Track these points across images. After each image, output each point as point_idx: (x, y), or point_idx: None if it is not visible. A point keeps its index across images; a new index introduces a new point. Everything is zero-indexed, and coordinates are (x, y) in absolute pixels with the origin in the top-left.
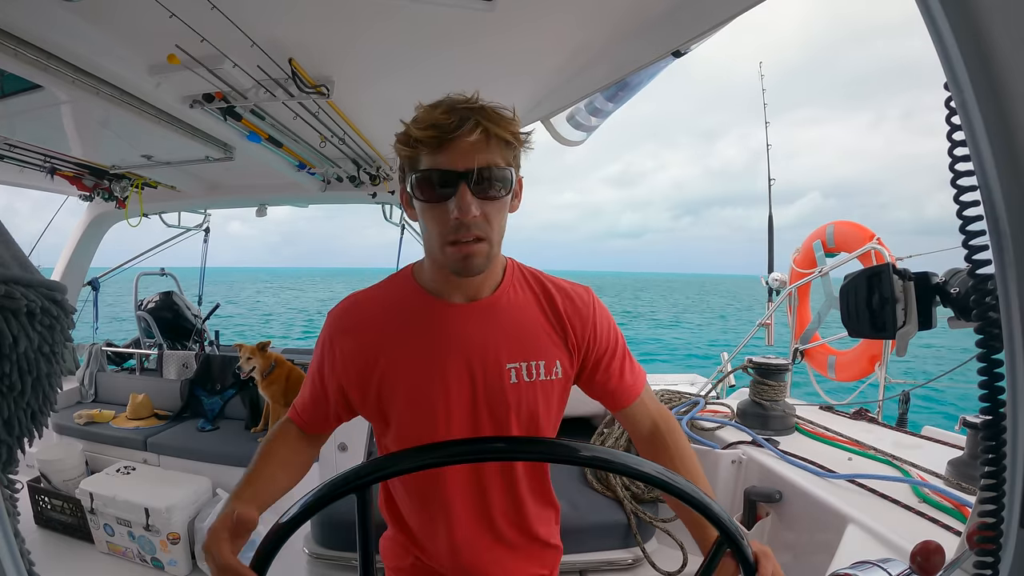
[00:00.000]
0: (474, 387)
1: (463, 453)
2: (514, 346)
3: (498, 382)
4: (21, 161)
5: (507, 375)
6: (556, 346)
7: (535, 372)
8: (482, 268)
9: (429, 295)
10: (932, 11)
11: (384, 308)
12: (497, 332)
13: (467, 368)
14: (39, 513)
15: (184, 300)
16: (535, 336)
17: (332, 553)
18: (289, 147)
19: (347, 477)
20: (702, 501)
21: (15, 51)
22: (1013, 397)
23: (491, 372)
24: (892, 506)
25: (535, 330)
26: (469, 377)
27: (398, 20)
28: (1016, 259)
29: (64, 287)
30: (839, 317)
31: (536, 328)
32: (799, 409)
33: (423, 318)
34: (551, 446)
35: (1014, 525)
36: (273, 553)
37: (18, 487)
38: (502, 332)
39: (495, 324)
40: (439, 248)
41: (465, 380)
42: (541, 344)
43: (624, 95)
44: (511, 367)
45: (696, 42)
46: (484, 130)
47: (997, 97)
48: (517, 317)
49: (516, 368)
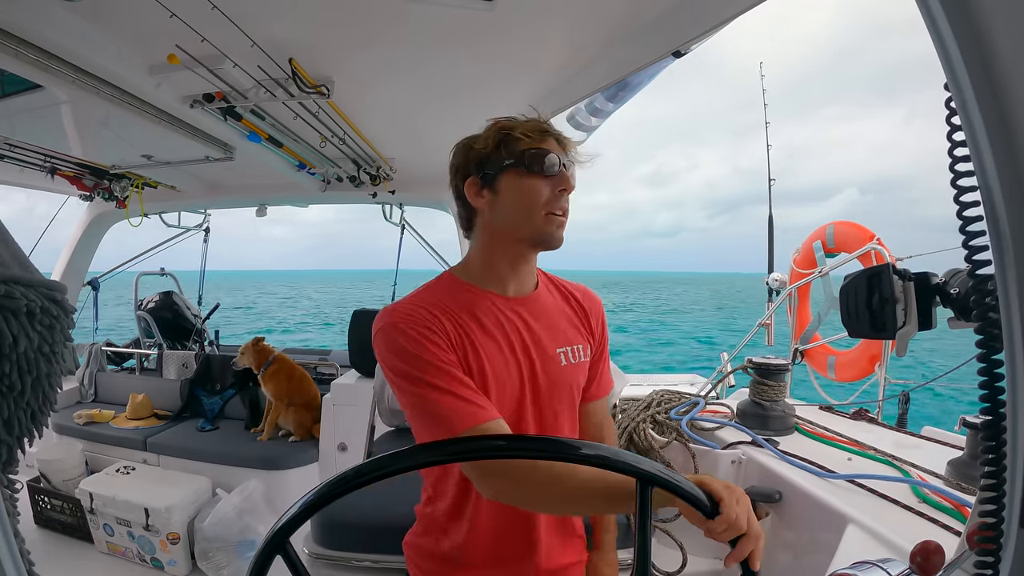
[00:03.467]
0: (533, 369)
1: (464, 452)
2: (558, 333)
3: (555, 365)
4: (21, 161)
5: (558, 358)
6: (582, 334)
7: (574, 355)
8: (561, 243)
9: (482, 289)
10: (932, 11)
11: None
12: (545, 321)
13: (527, 352)
14: (39, 513)
15: (184, 300)
16: (569, 325)
17: (332, 553)
18: (289, 147)
19: (347, 477)
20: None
21: (15, 51)
22: (1013, 397)
23: (547, 355)
24: (892, 506)
25: (568, 320)
26: (529, 360)
27: (398, 20)
28: (1016, 259)
29: (64, 287)
30: (839, 317)
31: (568, 318)
32: (799, 409)
33: (482, 308)
34: (555, 444)
35: (1014, 525)
36: (274, 553)
37: (18, 487)
38: (548, 321)
39: (542, 314)
40: (538, 215)
41: (526, 363)
42: (573, 331)
43: (624, 95)
44: (560, 351)
45: (696, 42)
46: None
47: (997, 97)
48: (554, 309)
49: (564, 352)
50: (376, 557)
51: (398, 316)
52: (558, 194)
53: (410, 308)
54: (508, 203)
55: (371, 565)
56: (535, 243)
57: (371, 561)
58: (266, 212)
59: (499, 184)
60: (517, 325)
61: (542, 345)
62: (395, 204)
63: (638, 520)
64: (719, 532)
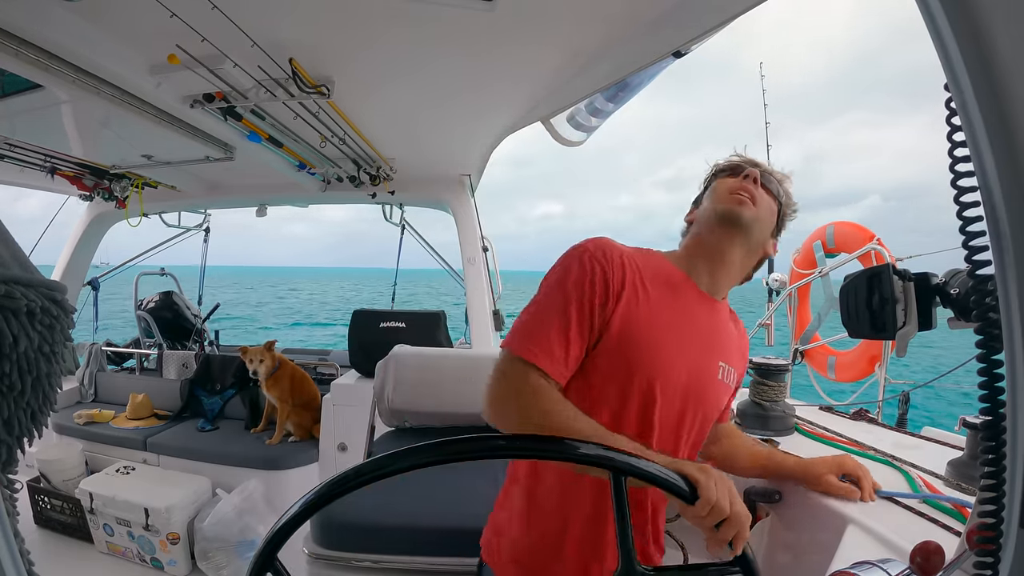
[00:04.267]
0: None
1: (464, 452)
2: (726, 349)
3: (713, 371)
4: (21, 161)
5: (718, 370)
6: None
7: (727, 376)
8: (746, 222)
9: (683, 272)
10: (932, 11)
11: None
12: (719, 330)
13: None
14: (39, 513)
15: (184, 300)
16: (735, 348)
17: (332, 553)
18: (289, 147)
19: (347, 476)
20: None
21: (15, 51)
22: (1013, 397)
23: (709, 358)
24: (892, 506)
25: (734, 343)
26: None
27: (399, 20)
28: (1016, 259)
29: (64, 287)
30: (839, 318)
31: (734, 343)
32: (799, 410)
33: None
34: (559, 444)
35: (1014, 525)
36: (274, 553)
37: (18, 487)
38: (722, 331)
39: (719, 322)
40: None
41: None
42: (735, 355)
43: (624, 95)
44: (722, 365)
45: (696, 42)
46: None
47: (997, 97)
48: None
49: (724, 367)
50: (376, 557)
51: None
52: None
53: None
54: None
55: (371, 565)
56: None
57: (371, 561)
58: (266, 212)
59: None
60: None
61: (711, 345)
62: (395, 204)
63: (616, 512)
64: (703, 517)
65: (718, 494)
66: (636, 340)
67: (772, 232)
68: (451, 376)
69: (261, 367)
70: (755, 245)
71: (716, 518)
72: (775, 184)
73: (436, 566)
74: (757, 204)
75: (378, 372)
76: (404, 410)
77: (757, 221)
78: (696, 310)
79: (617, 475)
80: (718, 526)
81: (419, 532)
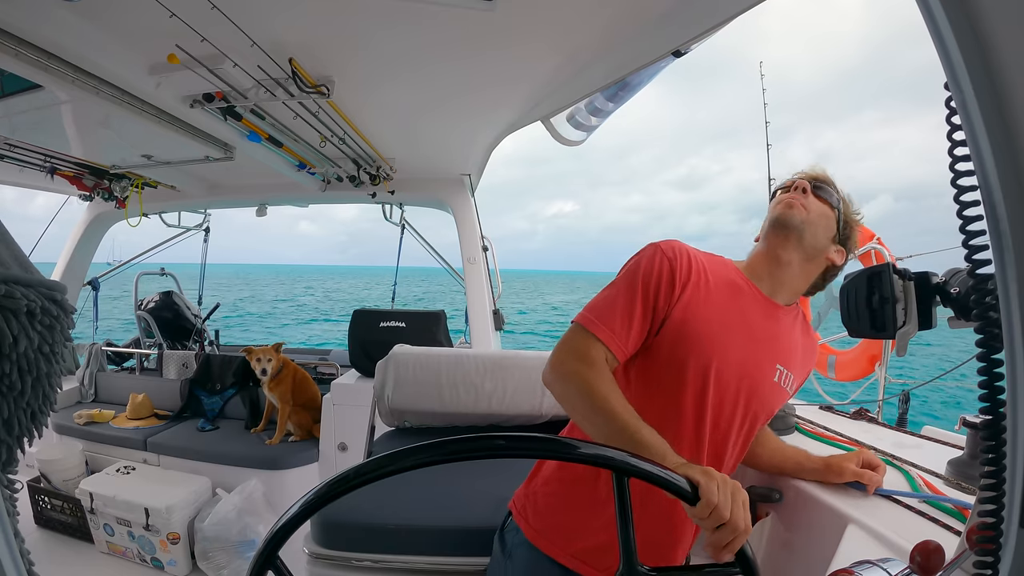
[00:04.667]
0: (744, 361)
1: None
2: (787, 353)
3: (768, 372)
4: (21, 161)
5: (774, 372)
6: (799, 371)
7: (784, 380)
8: (795, 225)
9: (747, 278)
10: (932, 11)
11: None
12: (781, 334)
13: (748, 343)
14: (39, 513)
15: (184, 300)
16: (798, 355)
17: (332, 553)
18: (289, 147)
19: (347, 476)
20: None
21: (15, 51)
22: (1013, 397)
23: (765, 359)
24: (892, 506)
25: (799, 351)
26: (744, 351)
27: (398, 20)
28: (1016, 259)
29: (64, 287)
30: (839, 317)
31: (800, 350)
32: (799, 409)
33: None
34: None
35: (1014, 525)
36: (275, 553)
37: (18, 487)
38: (788, 339)
39: (782, 328)
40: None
41: (741, 351)
42: (797, 362)
43: (624, 95)
44: (779, 368)
45: (696, 42)
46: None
47: (997, 97)
48: (794, 334)
49: (781, 371)
50: (376, 557)
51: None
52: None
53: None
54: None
55: (371, 565)
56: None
57: (371, 561)
58: (266, 212)
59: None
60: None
61: (770, 350)
62: (395, 204)
63: (618, 511)
64: (704, 518)
65: (719, 497)
66: (695, 330)
67: (833, 239)
68: (451, 376)
69: (269, 367)
70: (811, 250)
71: (716, 521)
72: (828, 191)
73: (436, 566)
74: (808, 209)
75: (378, 372)
76: (404, 410)
77: (808, 224)
78: (755, 312)
79: (620, 476)
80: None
81: (419, 532)
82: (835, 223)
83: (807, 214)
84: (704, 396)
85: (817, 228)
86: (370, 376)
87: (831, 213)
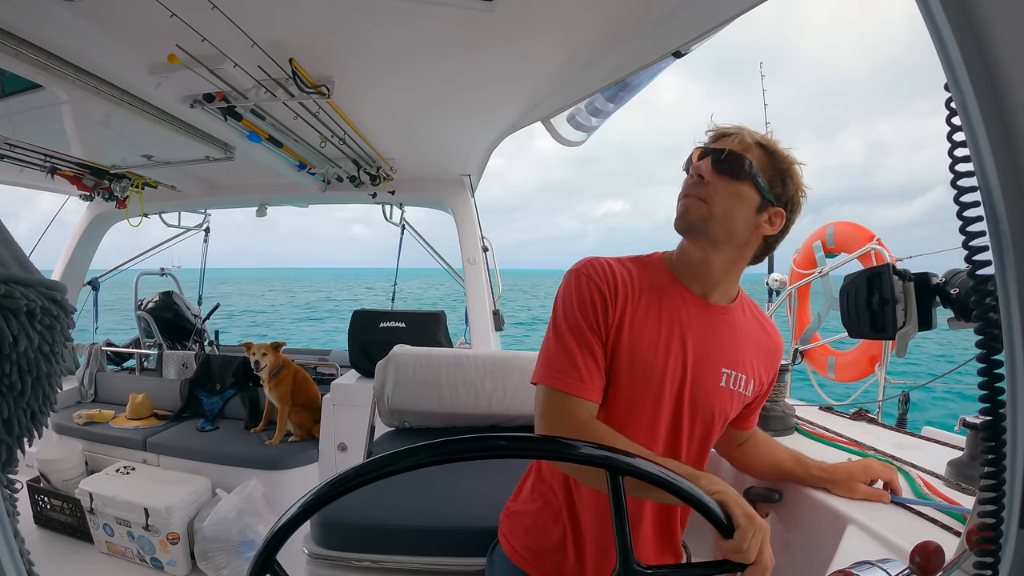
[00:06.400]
0: (684, 372)
1: (464, 452)
2: (733, 355)
3: (712, 380)
4: (21, 161)
5: (720, 377)
6: (755, 370)
7: (735, 383)
8: (696, 228)
9: (675, 277)
10: (932, 11)
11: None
12: (723, 336)
13: (685, 352)
14: (39, 513)
15: (184, 300)
16: (750, 354)
17: (332, 553)
18: (289, 147)
19: (346, 476)
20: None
21: (15, 51)
22: (1013, 397)
23: (708, 367)
24: (892, 506)
25: (751, 349)
26: (683, 362)
27: (399, 20)
28: (1016, 259)
29: (64, 287)
30: (839, 318)
31: (752, 348)
32: (799, 409)
33: (664, 293)
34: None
35: (1014, 525)
36: (274, 553)
37: (18, 487)
38: (727, 338)
39: (723, 328)
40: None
41: (679, 363)
42: (749, 363)
43: (624, 95)
44: (725, 371)
45: (696, 42)
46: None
47: (997, 97)
48: (740, 332)
49: (728, 374)
50: (376, 557)
51: (586, 264)
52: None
53: (602, 260)
54: None
55: (371, 565)
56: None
57: (371, 561)
58: (266, 212)
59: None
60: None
61: (709, 356)
62: (395, 204)
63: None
64: (725, 551)
65: (750, 544)
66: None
67: (758, 209)
68: (451, 376)
69: (264, 360)
70: (730, 242)
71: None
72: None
73: (436, 566)
74: (709, 199)
75: (378, 372)
76: (404, 410)
77: (713, 219)
78: (689, 316)
79: (615, 475)
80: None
81: (419, 532)
82: (757, 192)
83: (709, 208)
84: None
85: (728, 216)
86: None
87: (746, 187)
